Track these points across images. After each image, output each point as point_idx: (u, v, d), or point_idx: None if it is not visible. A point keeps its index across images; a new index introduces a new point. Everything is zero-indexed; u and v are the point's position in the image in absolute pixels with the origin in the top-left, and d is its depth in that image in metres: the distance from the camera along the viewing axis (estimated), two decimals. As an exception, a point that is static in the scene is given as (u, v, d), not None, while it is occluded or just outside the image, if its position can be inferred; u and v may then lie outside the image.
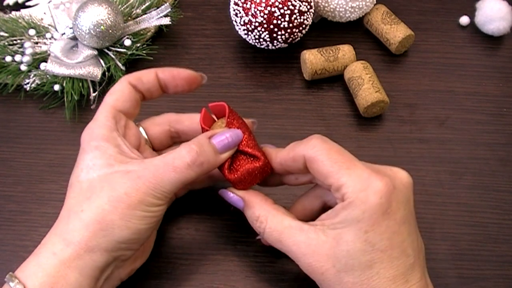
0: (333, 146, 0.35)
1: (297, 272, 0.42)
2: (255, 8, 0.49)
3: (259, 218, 0.37)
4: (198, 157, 0.36)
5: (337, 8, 0.53)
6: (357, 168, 0.34)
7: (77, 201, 0.36)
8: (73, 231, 0.34)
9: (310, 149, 0.35)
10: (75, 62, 0.51)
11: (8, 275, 0.34)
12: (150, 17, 0.54)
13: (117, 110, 0.39)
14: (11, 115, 0.51)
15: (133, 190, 0.35)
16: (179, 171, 0.35)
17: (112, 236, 0.34)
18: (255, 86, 0.53)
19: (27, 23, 0.53)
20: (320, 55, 0.51)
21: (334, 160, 0.34)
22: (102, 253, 0.34)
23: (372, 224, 0.32)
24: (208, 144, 0.36)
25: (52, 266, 0.33)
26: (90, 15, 0.50)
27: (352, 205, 0.33)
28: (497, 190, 0.46)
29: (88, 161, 0.36)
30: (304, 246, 0.34)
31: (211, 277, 0.42)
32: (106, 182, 0.35)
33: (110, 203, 0.34)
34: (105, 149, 0.36)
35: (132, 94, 0.39)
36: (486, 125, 0.50)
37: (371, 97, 0.48)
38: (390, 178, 0.34)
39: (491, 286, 0.42)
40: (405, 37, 0.52)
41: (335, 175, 0.34)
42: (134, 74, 0.40)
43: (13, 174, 0.48)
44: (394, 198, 0.33)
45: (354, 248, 0.32)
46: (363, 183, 0.33)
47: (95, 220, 0.34)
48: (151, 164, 0.36)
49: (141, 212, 0.35)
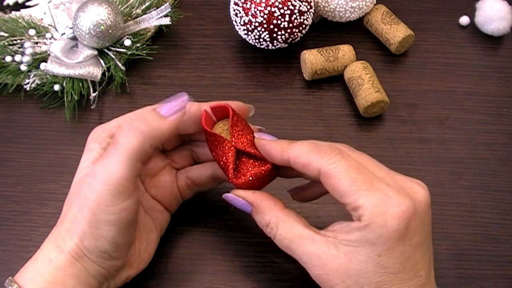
0: (352, 163, 0.33)
1: (297, 272, 0.42)
2: (255, 8, 0.49)
3: (270, 224, 0.36)
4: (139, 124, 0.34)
5: (337, 8, 0.53)
6: (376, 189, 0.32)
7: (65, 208, 0.36)
8: (63, 239, 0.34)
9: (327, 165, 0.33)
10: (75, 62, 0.51)
11: (8, 279, 0.34)
12: (150, 17, 0.54)
13: None
14: (11, 115, 0.51)
15: (90, 192, 0.33)
16: (125, 146, 0.34)
17: (91, 247, 0.34)
18: (255, 86, 0.53)
19: (27, 23, 0.53)
20: (320, 55, 0.51)
21: (353, 179, 0.32)
22: (90, 262, 0.34)
23: (387, 249, 0.31)
24: (150, 112, 0.36)
25: (49, 273, 0.33)
26: (90, 15, 0.50)
27: (368, 228, 0.31)
28: (497, 190, 0.46)
29: (81, 163, 0.37)
30: (314, 257, 0.33)
31: (211, 277, 0.42)
32: (77, 189, 0.35)
33: (79, 211, 0.34)
34: (91, 150, 0.36)
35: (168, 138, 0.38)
36: (486, 125, 0.50)
37: (371, 97, 0.48)
38: (410, 200, 0.32)
39: (491, 286, 0.42)
40: (405, 37, 0.52)
41: (353, 195, 0.32)
42: None
43: (13, 174, 0.48)
44: (413, 224, 0.32)
45: (366, 268, 0.32)
46: (381, 207, 0.31)
47: (75, 231, 0.34)
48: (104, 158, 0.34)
49: (105, 216, 0.33)
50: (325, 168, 0.33)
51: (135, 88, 0.53)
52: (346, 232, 0.32)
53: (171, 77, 0.54)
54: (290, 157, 0.35)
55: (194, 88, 0.53)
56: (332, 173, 0.33)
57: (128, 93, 0.52)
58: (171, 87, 0.53)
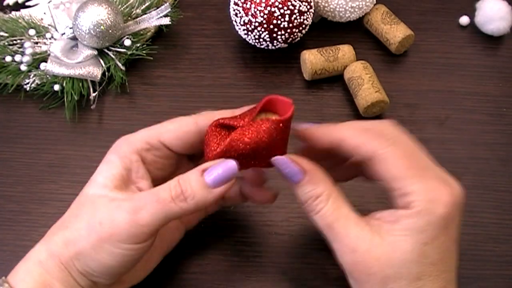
0: (406, 150, 0.33)
1: (297, 273, 0.42)
2: (255, 8, 0.49)
3: (321, 197, 0.33)
4: (183, 192, 0.32)
5: (337, 8, 0.53)
6: (429, 177, 0.32)
7: (69, 215, 0.35)
8: (56, 244, 0.34)
9: (382, 148, 0.32)
10: (75, 62, 0.51)
11: (1, 279, 0.34)
12: (150, 17, 0.54)
13: (160, 140, 0.36)
14: (11, 115, 0.51)
15: (108, 221, 0.32)
16: (162, 202, 0.32)
17: (85, 263, 0.33)
18: (255, 86, 0.53)
19: (27, 23, 0.53)
20: (320, 55, 0.51)
21: (406, 165, 0.32)
22: (79, 274, 0.34)
23: (433, 237, 0.31)
24: (197, 179, 0.33)
25: (39, 274, 0.33)
26: (90, 15, 0.50)
27: (419, 215, 0.31)
28: (497, 190, 0.46)
29: (96, 174, 0.35)
30: (357, 242, 0.32)
31: (211, 277, 0.42)
32: (91, 204, 0.34)
33: (86, 228, 0.33)
34: (113, 167, 0.35)
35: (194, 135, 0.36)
36: (486, 125, 0.50)
37: (371, 97, 0.48)
38: (458, 190, 0.32)
39: (491, 286, 0.42)
40: (405, 37, 0.52)
41: (406, 181, 0.32)
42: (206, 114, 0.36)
43: (13, 174, 0.48)
44: (457, 214, 0.32)
45: (410, 258, 0.31)
46: (433, 193, 0.31)
47: (73, 242, 0.33)
48: (136, 195, 0.33)
49: (111, 247, 0.32)
50: (378, 151, 0.33)
51: (135, 88, 0.53)
52: (393, 221, 0.32)
53: (171, 77, 0.54)
54: (341, 138, 0.34)
55: (194, 88, 0.53)
56: (387, 158, 0.32)
57: (128, 93, 0.52)
58: (171, 87, 0.53)
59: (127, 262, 0.34)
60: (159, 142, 0.36)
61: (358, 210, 0.42)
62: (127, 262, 0.34)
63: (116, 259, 0.33)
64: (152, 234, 0.33)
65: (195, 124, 0.36)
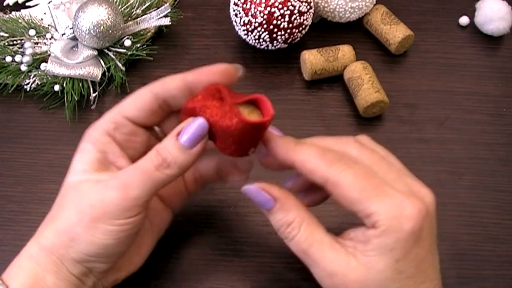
0: (360, 170, 0.33)
1: (297, 273, 0.42)
2: (255, 8, 0.49)
3: (293, 224, 0.34)
4: (165, 160, 0.33)
5: (336, 8, 0.53)
6: (387, 195, 0.32)
7: (55, 208, 0.36)
8: (47, 237, 0.34)
9: (335, 174, 0.32)
10: (75, 63, 0.51)
11: None
12: (150, 17, 0.54)
13: (123, 116, 0.37)
14: (11, 115, 0.51)
15: (97, 201, 0.33)
16: (147, 174, 0.33)
17: (79, 249, 0.34)
18: (255, 86, 0.53)
19: (27, 23, 0.53)
20: (320, 55, 0.51)
21: (362, 187, 0.32)
22: (73, 262, 0.34)
23: (404, 253, 0.31)
24: (174, 143, 0.34)
25: (30, 268, 0.34)
26: (90, 15, 0.50)
27: (386, 233, 0.31)
28: (497, 190, 0.46)
29: (73, 164, 0.36)
30: (333, 266, 0.32)
31: (211, 277, 0.42)
32: (75, 191, 0.35)
33: (76, 214, 0.34)
34: (88, 152, 0.36)
35: (151, 102, 0.37)
36: (486, 125, 0.50)
37: (371, 97, 0.48)
38: (422, 202, 0.32)
39: (491, 286, 0.42)
40: (404, 37, 0.52)
41: (364, 203, 0.32)
42: (159, 81, 0.37)
43: (13, 174, 0.48)
44: (425, 226, 0.32)
45: (385, 276, 0.31)
46: (395, 210, 0.31)
47: (64, 230, 0.34)
48: (120, 172, 0.34)
49: (106, 225, 0.33)
50: (332, 177, 0.32)
51: (135, 88, 0.52)
52: (364, 242, 0.32)
53: (171, 77, 0.54)
54: (296, 161, 0.34)
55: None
56: (340, 182, 0.32)
57: (128, 93, 0.52)
58: (171, 87, 0.53)
59: (123, 238, 0.34)
60: (123, 118, 0.37)
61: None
62: (123, 238, 0.34)
63: (112, 236, 0.33)
64: (143, 205, 0.34)
65: (150, 92, 0.36)
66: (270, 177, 0.45)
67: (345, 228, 0.44)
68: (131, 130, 0.37)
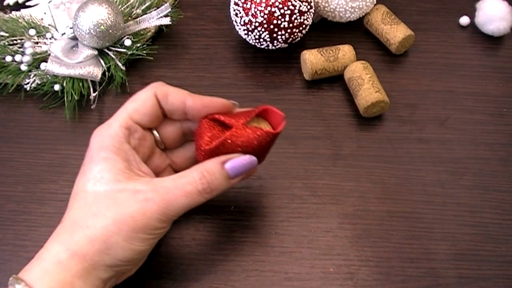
0: None
1: (298, 272, 0.42)
2: (255, 8, 0.49)
3: None
4: (209, 185, 0.36)
5: (337, 8, 0.53)
6: None
7: (83, 214, 0.35)
8: (78, 244, 0.34)
9: None
10: (75, 62, 0.51)
11: (12, 277, 0.33)
12: (150, 17, 0.54)
13: (134, 121, 0.37)
14: (11, 115, 0.51)
15: (139, 214, 0.34)
16: (190, 196, 0.35)
17: (116, 256, 0.34)
18: (255, 86, 0.53)
19: (27, 23, 0.53)
20: (320, 55, 0.51)
21: None
22: (105, 268, 0.35)
23: None
24: (220, 171, 0.36)
25: (58, 274, 0.33)
26: (90, 15, 0.50)
27: None
28: (497, 190, 0.46)
29: (96, 173, 0.36)
30: None
31: (211, 277, 0.42)
32: (113, 200, 0.35)
33: (115, 224, 0.34)
34: (114, 162, 0.36)
35: (155, 108, 0.38)
36: (486, 125, 0.50)
37: (371, 97, 0.48)
38: None
39: (491, 286, 0.42)
40: (405, 37, 0.52)
41: None
42: (163, 88, 0.38)
43: (13, 174, 0.48)
44: None
45: None
46: None
47: (100, 239, 0.34)
48: (160, 186, 0.35)
49: (144, 235, 0.35)
50: None
51: (135, 88, 0.53)
52: None
53: (171, 77, 0.54)
54: None
55: (194, 88, 0.52)
56: None
57: (128, 93, 0.52)
58: (171, 87, 0.53)
59: (154, 243, 0.37)
60: (134, 123, 0.37)
61: (358, 210, 0.42)
62: (154, 243, 0.37)
63: (148, 243, 0.36)
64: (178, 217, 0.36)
65: (155, 97, 0.38)
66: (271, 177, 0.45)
67: (345, 227, 0.44)
68: (141, 135, 0.38)
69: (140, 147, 0.38)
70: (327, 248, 0.43)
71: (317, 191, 0.46)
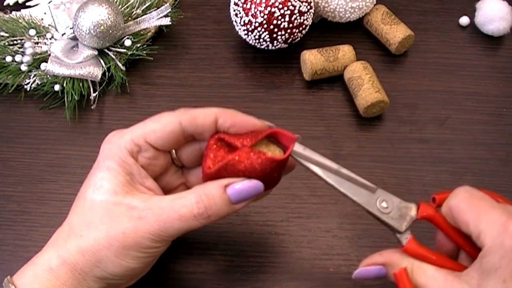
0: (474, 194, 0.34)
1: (298, 273, 0.42)
2: (255, 8, 0.49)
3: None
4: (206, 210, 0.34)
5: (337, 8, 0.53)
6: (495, 213, 0.32)
7: (78, 222, 0.35)
8: (70, 252, 0.34)
9: (452, 199, 0.34)
10: (76, 62, 0.51)
11: (7, 279, 0.33)
12: (150, 17, 0.54)
13: (146, 141, 0.36)
14: (11, 115, 0.51)
15: (131, 232, 0.33)
16: (184, 220, 0.33)
17: (106, 269, 0.34)
18: (255, 86, 0.53)
19: (28, 23, 0.53)
20: (320, 55, 0.51)
21: (473, 206, 0.33)
22: (95, 279, 0.34)
23: (510, 271, 0.30)
24: (221, 196, 0.34)
25: (48, 280, 0.33)
26: (90, 15, 0.50)
27: (490, 252, 0.31)
28: (497, 190, 0.46)
29: (97, 180, 0.35)
30: None
31: (211, 277, 0.42)
32: (107, 213, 0.34)
33: (106, 238, 0.33)
34: (116, 173, 0.35)
35: (173, 135, 0.36)
36: (486, 125, 0.50)
37: (371, 97, 0.48)
38: None
39: (491, 286, 0.42)
40: (405, 37, 0.52)
41: (474, 222, 0.32)
42: (189, 112, 0.36)
43: (13, 174, 0.48)
44: None
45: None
46: (499, 228, 0.31)
47: (91, 251, 0.33)
48: (156, 205, 0.34)
49: (136, 253, 0.34)
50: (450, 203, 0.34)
51: (135, 88, 0.53)
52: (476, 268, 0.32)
53: (171, 77, 0.54)
54: None
55: (194, 88, 0.53)
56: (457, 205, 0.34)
57: (128, 93, 0.52)
58: (171, 87, 0.53)
59: (150, 262, 0.36)
60: (146, 143, 0.36)
61: (358, 210, 0.42)
62: (150, 262, 0.36)
63: (140, 261, 0.34)
64: (173, 238, 0.35)
65: (179, 124, 0.35)
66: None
67: (345, 227, 0.44)
68: (153, 155, 0.37)
69: (150, 166, 0.37)
70: (327, 248, 0.43)
71: (317, 191, 0.46)
